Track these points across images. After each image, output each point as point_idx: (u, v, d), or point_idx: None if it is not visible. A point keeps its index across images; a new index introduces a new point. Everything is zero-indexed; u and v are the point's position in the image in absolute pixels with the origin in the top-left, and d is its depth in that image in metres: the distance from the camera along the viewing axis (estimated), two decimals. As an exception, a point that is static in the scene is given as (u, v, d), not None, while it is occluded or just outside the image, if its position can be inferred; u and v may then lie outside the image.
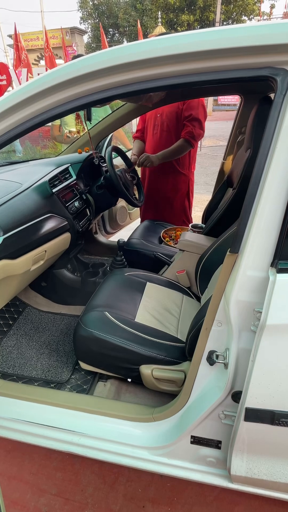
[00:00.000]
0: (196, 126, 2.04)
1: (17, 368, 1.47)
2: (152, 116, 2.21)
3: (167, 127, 2.15)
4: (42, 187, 1.49)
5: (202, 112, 2.05)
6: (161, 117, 2.15)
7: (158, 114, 2.17)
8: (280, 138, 0.73)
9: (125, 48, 0.81)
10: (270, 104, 0.75)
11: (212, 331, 0.89)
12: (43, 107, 0.89)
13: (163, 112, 2.13)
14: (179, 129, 2.11)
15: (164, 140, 2.16)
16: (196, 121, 2.04)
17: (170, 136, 2.15)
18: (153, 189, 2.32)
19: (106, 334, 1.19)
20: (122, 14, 19.82)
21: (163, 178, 2.25)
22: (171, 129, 2.14)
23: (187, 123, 2.05)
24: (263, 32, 0.71)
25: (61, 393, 1.31)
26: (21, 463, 1.30)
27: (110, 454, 1.10)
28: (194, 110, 2.03)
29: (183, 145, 2.07)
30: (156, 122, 2.19)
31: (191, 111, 2.04)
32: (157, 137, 2.20)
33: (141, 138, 2.38)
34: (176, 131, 2.13)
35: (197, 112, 2.03)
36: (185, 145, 2.07)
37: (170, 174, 2.23)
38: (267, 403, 0.81)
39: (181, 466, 1.05)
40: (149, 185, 2.33)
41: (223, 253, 0.84)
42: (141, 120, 2.36)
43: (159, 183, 2.27)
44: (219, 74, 0.78)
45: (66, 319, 1.81)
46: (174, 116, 2.10)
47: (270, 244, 0.77)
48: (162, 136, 2.17)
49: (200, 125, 2.05)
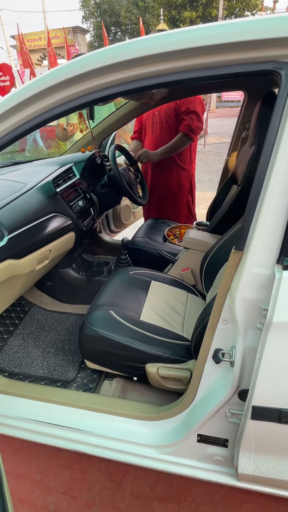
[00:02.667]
0: (194, 119, 2.02)
1: (24, 367, 1.48)
2: (150, 115, 2.19)
3: (166, 124, 2.13)
4: (46, 187, 1.49)
5: (199, 105, 2.04)
6: (159, 114, 2.14)
7: (156, 112, 2.15)
8: (284, 133, 0.72)
9: (126, 45, 0.80)
10: (274, 99, 0.74)
11: (218, 329, 0.88)
12: (45, 106, 0.89)
13: (161, 109, 2.11)
14: (178, 124, 2.09)
15: (164, 136, 2.14)
16: (193, 113, 2.02)
17: (170, 132, 2.13)
18: (156, 186, 2.30)
19: (111, 333, 1.19)
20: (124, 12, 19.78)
21: (166, 175, 2.23)
22: (171, 125, 2.12)
23: (184, 117, 2.03)
24: (266, 26, 0.70)
25: (67, 392, 1.32)
26: (29, 462, 1.31)
27: (117, 452, 1.11)
28: (191, 104, 2.02)
29: (182, 139, 2.05)
30: (155, 120, 2.17)
31: (188, 105, 2.02)
32: (157, 134, 2.18)
33: (139, 138, 2.36)
34: (176, 127, 2.11)
35: (194, 105, 2.02)
36: (184, 139, 2.05)
37: (172, 170, 2.21)
38: (274, 401, 0.80)
39: (188, 465, 1.05)
40: (152, 182, 2.32)
41: (228, 251, 0.83)
42: (137, 121, 2.35)
43: (162, 180, 2.26)
44: (222, 69, 0.77)
45: (72, 318, 1.81)
46: (172, 112, 2.08)
47: (275, 240, 0.76)
48: (162, 133, 2.15)
49: (198, 118, 2.03)
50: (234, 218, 1.28)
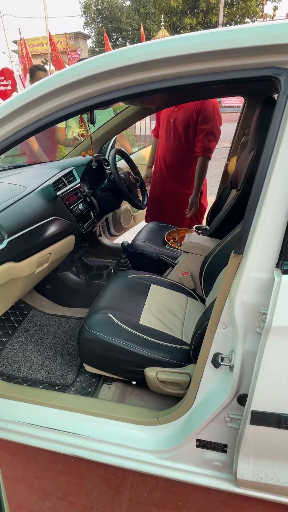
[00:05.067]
0: (212, 140, 2.05)
1: (22, 371, 1.47)
2: (166, 118, 2.21)
3: (179, 136, 2.16)
4: (46, 190, 1.50)
5: (217, 123, 2.05)
6: (174, 122, 2.16)
7: (172, 119, 2.17)
8: (284, 138, 0.72)
9: (128, 50, 0.81)
10: (273, 104, 0.74)
11: (217, 333, 0.88)
12: (46, 110, 0.89)
13: (176, 119, 2.13)
14: (190, 138, 2.13)
15: (175, 149, 2.20)
16: (211, 135, 2.05)
17: (181, 146, 2.17)
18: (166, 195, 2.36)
19: (110, 337, 1.19)
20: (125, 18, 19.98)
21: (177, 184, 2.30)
22: (182, 138, 2.15)
23: (202, 138, 2.05)
24: (265, 32, 0.71)
25: (66, 395, 1.31)
26: (26, 466, 1.30)
27: (115, 457, 1.10)
28: (210, 123, 2.02)
29: (203, 163, 2.11)
30: (169, 127, 2.19)
31: (207, 124, 2.02)
32: (170, 143, 2.22)
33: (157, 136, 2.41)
34: (187, 142, 2.15)
35: (213, 125, 2.02)
36: (204, 162, 2.12)
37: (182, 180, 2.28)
38: (273, 406, 0.80)
39: (186, 470, 1.04)
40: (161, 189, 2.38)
41: (227, 255, 0.83)
42: (156, 119, 2.40)
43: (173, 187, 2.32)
44: (222, 75, 0.78)
45: (71, 321, 1.81)
46: (187, 124, 2.10)
47: (275, 245, 0.76)
48: (174, 144, 2.19)
49: (215, 138, 2.07)
50: (233, 222, 1.28)
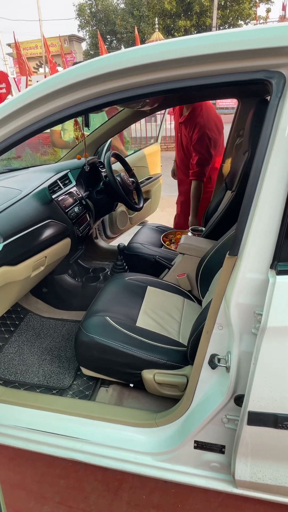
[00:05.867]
0: (205, 165, 2.12)
1: (19, 375, 1.46)
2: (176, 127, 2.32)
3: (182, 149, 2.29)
4: (41, 194, 1.50)
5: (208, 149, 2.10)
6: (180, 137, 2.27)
7: (179, 134, 2.28)
8: (276, 140, 0.73)
9: (122, 54, 0.82)
10: (266, 106, 0.75)
11: (213, 334, 0.88)
12: (40, 114, 0.89)
13: (182, 132, 2.24)
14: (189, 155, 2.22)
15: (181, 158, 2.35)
16: (204, 160, 2.12)
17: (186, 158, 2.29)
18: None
19: (107, 339, 1.19)
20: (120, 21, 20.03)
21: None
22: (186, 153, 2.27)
23: (195, 163, 2.13)
24: (257, 36, 0.71)
25: (63, 399, 1.30)
26: (24, 471, 1.29)
27: (114, 460, 1.09)
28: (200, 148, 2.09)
29: (196, 187, 2.19)
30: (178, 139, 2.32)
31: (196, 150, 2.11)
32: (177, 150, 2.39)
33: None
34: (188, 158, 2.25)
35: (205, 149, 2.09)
36: (197, 186, 2.18)
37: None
38: (270, 406, 0.80)
39: (185, 472, 1.04)
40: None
41: (223, 256, 0.84)
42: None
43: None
44: (215, 78, 0.79)
45: (68, 324, 1.81)
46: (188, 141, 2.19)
47: (269, 246, 0.76)
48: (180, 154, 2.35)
49: (208, 162, 2.13)
50: (229, 224, 1.29)
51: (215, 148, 2.13)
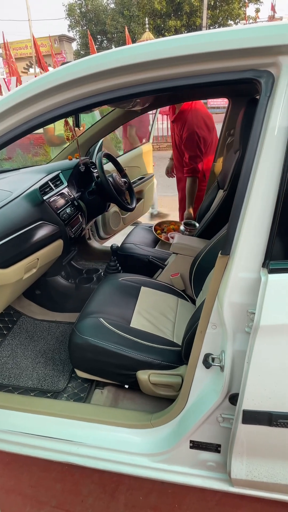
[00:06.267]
0: (198, 162, 2.19)
1: (13, 378, 1.45)
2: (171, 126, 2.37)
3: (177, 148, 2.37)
4: (32, 195, 1.48)
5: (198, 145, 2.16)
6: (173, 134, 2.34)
7: (173, 133, 2.35)
8: (266, 139, 0.73)
9: (112, 53, 0.81)
10: (256, 106, 0.76)
11: (207, 334, 0.88)
12: (31, 114, 0.89)
13: (174, 132, 2.31)
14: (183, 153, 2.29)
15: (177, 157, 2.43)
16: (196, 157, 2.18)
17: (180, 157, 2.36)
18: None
19: (101, 341, 1.18)
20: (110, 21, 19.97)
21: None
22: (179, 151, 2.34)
23: (188, 161, 2.20)
24: (245, 35, 0.72)
25: (58, 402, 1.29)
26: (19, 476, 1.28)
27: (110, 462, 1.09)
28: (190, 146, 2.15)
29: (190, 183, 2.25)
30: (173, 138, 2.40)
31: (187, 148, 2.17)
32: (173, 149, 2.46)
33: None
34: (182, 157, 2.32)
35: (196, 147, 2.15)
36: (192, 182, 2.24)
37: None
38: (264, 404, 0.81)
39: (181, 472, 1.04)
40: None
41: (216, 255, 0.84)
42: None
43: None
44: (204, 77, 0.79)
45: (62, 326, 1.79)
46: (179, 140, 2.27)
47: (260, 245, 0.77)
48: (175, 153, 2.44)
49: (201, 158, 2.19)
50: (221, 223, 1.29)
51: (205, 146, 2.18)
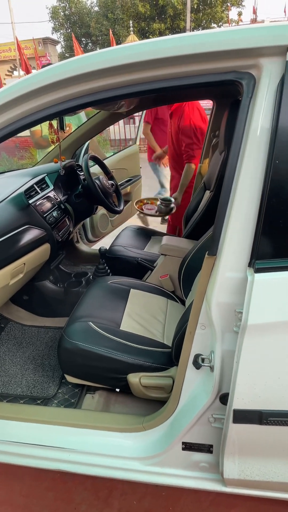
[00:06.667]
0: (195, 148, 2.24)
1: (1, 386, 1.42)
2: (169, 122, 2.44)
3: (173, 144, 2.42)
4: (17, 199, 1.46)
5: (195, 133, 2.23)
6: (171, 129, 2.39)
7: (169, 130, 2.42)
8: (249, 140, 0.74)
9: (94, 55, 0.81)
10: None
11: (196, 334, 0.88)
12: (12, 116, 0.87)
13: (172, 128, 2.36)
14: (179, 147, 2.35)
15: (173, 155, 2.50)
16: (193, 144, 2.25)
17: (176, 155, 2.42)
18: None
19: (90, 345, 1.17)
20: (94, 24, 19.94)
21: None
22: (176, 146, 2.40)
23: (185, 148, 2.27)
24: (226, 38, 0.72)
25: (48, 409, 1.27)
26: (10, 486, 1.25)
27: (102, 468, 1.07)
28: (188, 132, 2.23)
29: (188, 170, 2.29)
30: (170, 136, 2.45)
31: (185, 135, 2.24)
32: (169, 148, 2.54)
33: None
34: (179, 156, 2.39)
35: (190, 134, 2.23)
36: (189, 168, 2.29)
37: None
38: (254, 403, 0.81)
39: (174, 474, 1.03)
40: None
41: (204, 256, 0.84)
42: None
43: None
44: (188, 79, 0.79)
45: (51, 332, 1.77)
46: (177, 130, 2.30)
47: (246, 244, 0.77)
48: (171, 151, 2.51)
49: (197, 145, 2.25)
50: (208, 223, 1.29)
51: (202, 135, 2.24)
